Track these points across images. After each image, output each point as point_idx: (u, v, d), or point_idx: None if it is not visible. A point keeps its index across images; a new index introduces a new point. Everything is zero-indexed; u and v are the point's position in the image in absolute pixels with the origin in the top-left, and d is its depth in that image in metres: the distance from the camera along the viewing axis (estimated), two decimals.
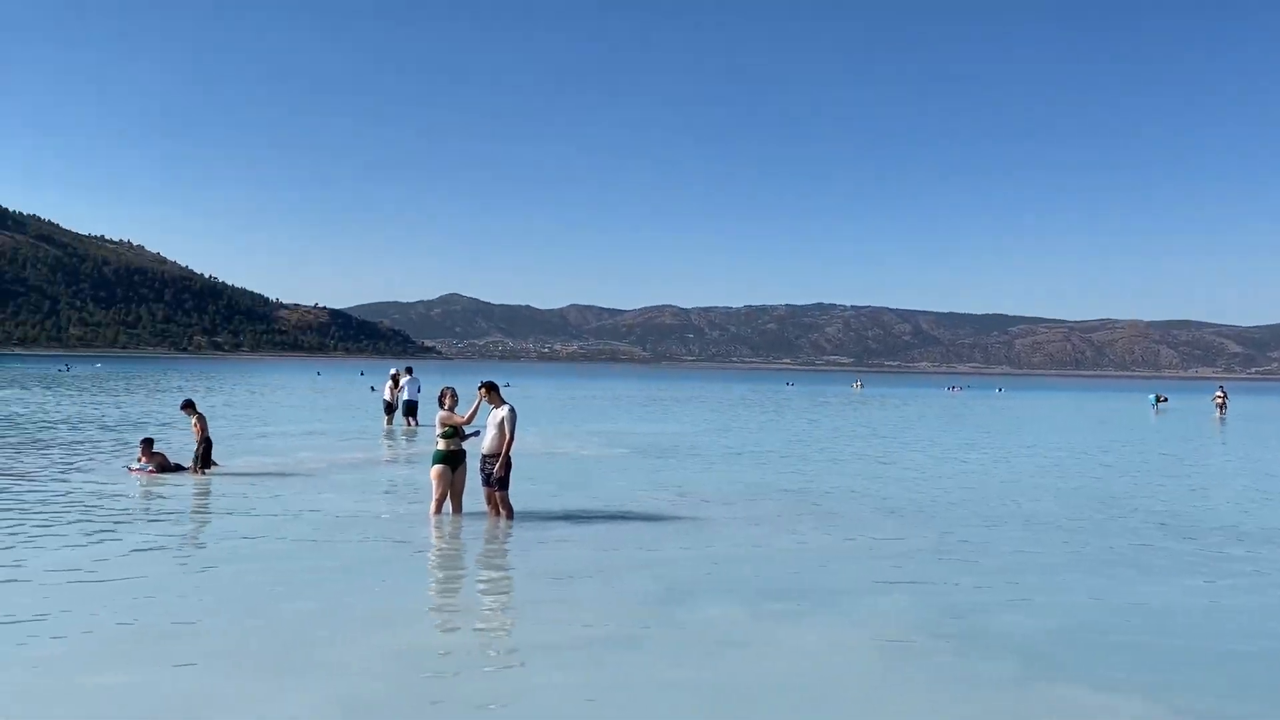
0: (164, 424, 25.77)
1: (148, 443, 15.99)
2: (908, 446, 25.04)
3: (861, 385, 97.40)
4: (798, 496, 14.81)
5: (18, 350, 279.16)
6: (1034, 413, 50.01)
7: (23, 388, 48.49)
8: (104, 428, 24.82)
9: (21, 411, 30.49)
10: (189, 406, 16.41)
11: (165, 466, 15.61)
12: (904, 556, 10.28)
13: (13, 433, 22.81)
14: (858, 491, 15.47)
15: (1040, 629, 7.47)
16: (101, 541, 10.16)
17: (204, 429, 15.97)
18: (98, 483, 14.44)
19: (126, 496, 13.40)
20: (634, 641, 6.93)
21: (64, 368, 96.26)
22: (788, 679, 6.19)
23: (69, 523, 11.15)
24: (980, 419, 40.69)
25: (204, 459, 15.81)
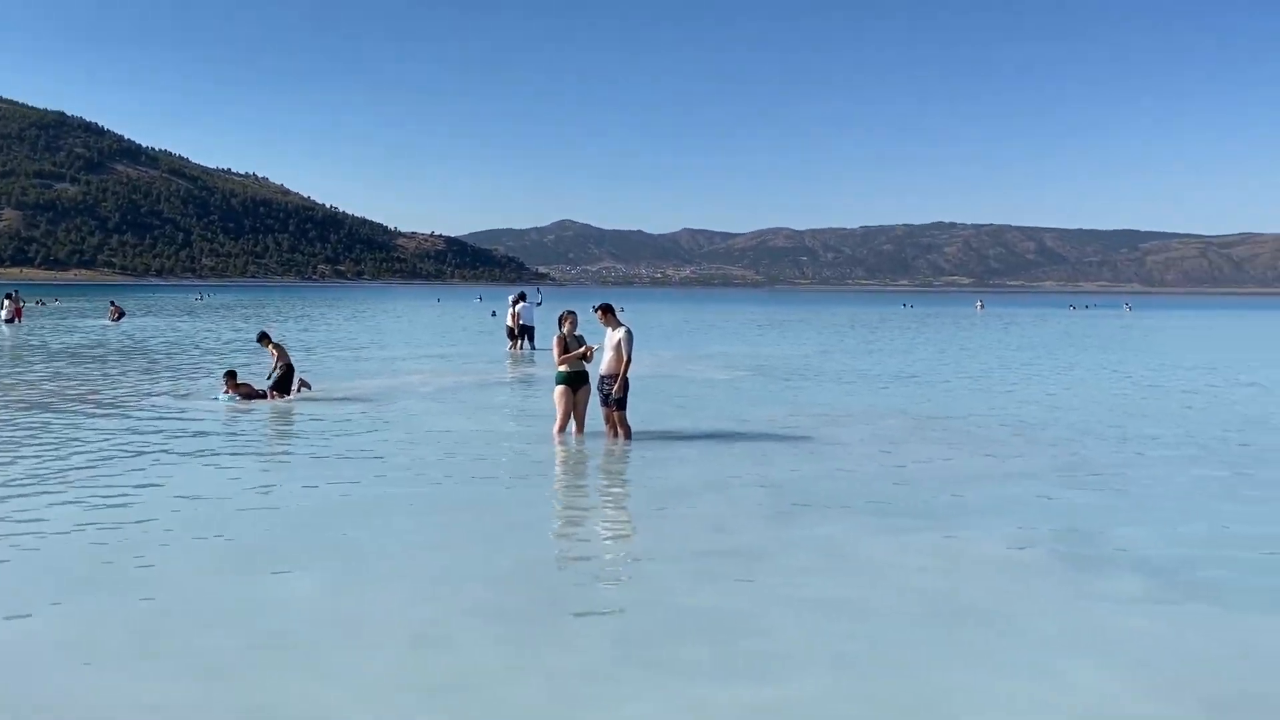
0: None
1: (231, 375, 16.02)
2: (1028, 366, 24.42)
3: (983, 306, 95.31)
4: (915, 418, 14.67)
5: (155, 280, 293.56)
6: (1164, 332, 47.97)
7: (156, 316, 51.11)
8: (204, 349, 26.00)
9: (140, 336, 32.19)
10: (264, 338, 16.60)
11: (252, 394, 15.65)
12: (1026, 477, 10.15)
13: (136, 358, 24.15)
14: (976, 413, 15.22)
15: (1165, 550, 7.37)
16: (206, 465, 10.81)
17: (282, 355, 15.96)
18: (201, 409, 15.21)
19: (225, 423, 14.09)
20: (753, 555, 7.07)
21: (199, 296, 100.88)
22: (908, 594, 6.25)
23: (175, 449, 11.86)
24: (1107, 338, 39.23)
25: (282, 385, 15.71)
